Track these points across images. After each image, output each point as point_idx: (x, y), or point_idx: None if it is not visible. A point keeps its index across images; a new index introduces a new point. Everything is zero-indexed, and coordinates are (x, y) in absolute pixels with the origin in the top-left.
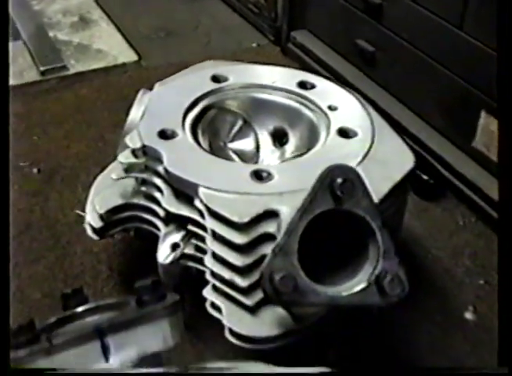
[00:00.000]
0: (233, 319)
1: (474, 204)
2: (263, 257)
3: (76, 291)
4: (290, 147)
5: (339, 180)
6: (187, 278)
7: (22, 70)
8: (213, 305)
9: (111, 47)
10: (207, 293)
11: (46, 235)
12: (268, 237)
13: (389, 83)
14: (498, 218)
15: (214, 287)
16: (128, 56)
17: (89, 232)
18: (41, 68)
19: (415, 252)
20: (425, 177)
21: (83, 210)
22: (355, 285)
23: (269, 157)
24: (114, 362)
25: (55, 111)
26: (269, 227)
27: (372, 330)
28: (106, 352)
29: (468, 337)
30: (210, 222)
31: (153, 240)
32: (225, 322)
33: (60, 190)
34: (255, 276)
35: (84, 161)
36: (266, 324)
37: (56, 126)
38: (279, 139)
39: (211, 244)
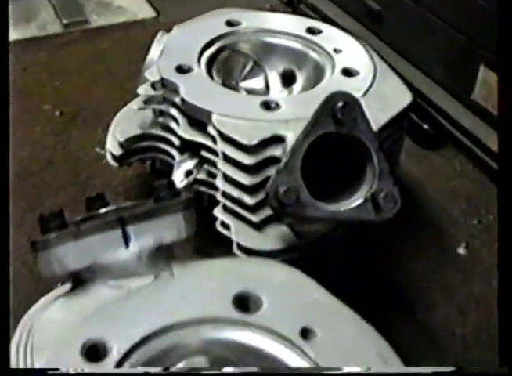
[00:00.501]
0: (241, 235)
1: (471, 152)
2: (269, 178)
3: (99, 195)
4: (297, 87)
5: (340, 104)
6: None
7: (45, 23)
8: (222, 224)
9: (131, 4)
10: (218, 212)
11: (68, 170)
12: (274, 161)
13: (394, 40)
14: (498, 170)
15: (224, 207)
16: (146, 12)
17: (109, 159)
18: (64, 21)
19: (413, 194)
20: (425, 126)
21: (103, 149)
22: (353, 202)
23: (278, 95)
24: (133, 249)
25: (77, 61)
26: (276, 151)
27: (369, 257)
28: (126, 240)
29: (460, 269)
30: (221, 146)
31: (167, 175)
32: (233, 237)
33: (82, 131)
34: (262, 195)
35: (105, 106)
36: (271, 239)
37: (78, 74)
38: (288, 79)
39: (222, 166)
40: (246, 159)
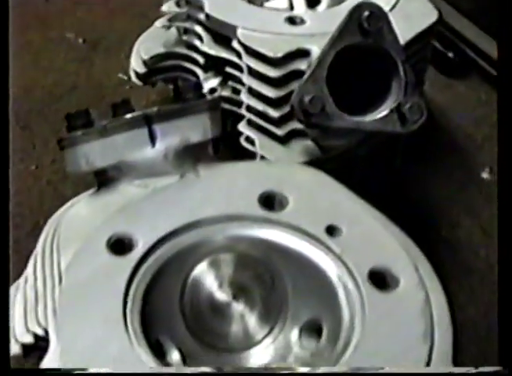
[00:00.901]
0: (265, 149)
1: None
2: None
3: (125, 101)
4: (321, 8)
5: (366, 13)
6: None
7: None
8: (247, 139)
9: None
10: (242, 127)
11: (91, 95)
12: (300, 74)
13: None
14: None
15: (249, 122)
16: None
17: (133, 77)
18: None
19: (438, 120)
20: (450, 55)
21: (126, 74)
22: (378, 113)
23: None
24: (159, 148)
25: None
26: (301, 65)
27: (392, 178)
28: (152, 138)
29: (484, 192)
30: (246, 60)
31: None
32: (257, 151)
33: (104, 58)
34: (286, 109)
35: (128, 34)
36: (295, 153)
37: (101, 4)
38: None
39: (247, 80)
40: (271, 72)
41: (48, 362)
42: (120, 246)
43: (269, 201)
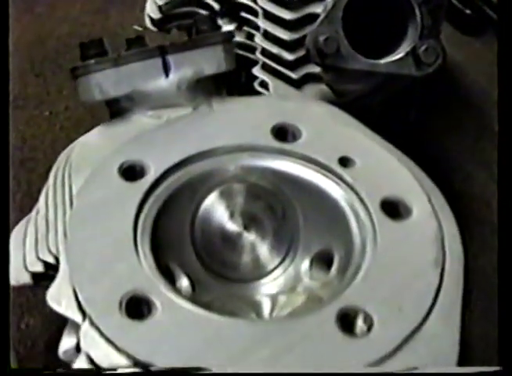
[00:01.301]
0: (279, 93)
1: None
2: None
3: (139, 36)
4: None
5: None
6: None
7: None
8: (261, 84)
9: None
10: (257, 71)
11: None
12: (315, 18)
13: None
14: None
15: (263, 66)
16: None
17: (148, 24)
18: None
19: (454, 76)
20: (467, 11)
21: (141, 26)
22: (394, 56)
23: None
24: (173, 78)
25: None
26: (316, 8)
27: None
28: (166, 69)
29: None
30: (262, 3)
31: None
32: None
33: (120, 10)
34: (301, 52)
35: None
36: (309, 97)
37: None
38: None
39: (263, 23)
40: (286, 14)
41: (57, 286)
42: (131, 172)
43: (282, 133)
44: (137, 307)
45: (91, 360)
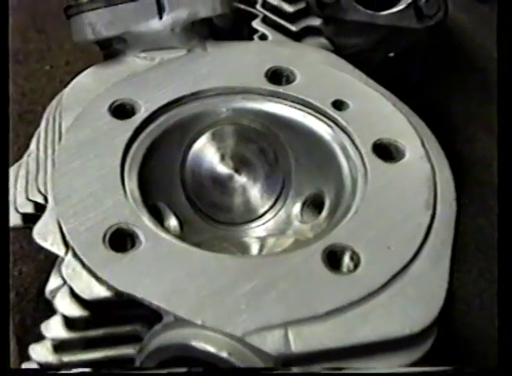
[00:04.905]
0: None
1: None
2: None
3: None
4: None
5: None
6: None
7: None
8: (261, 37)
9: None
10: (257, 24)
11: None
12: None
13: None
14: None
15: (263, 19)
16: None
17: None
18: None
19: (460, 40)
20: None
21: None
22: (395, 8)
23: None
24: (167, 20)
25: None
26: None
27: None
28: (160, 10)
29: None
30: None
31: None
32: None
33: None
34: (301, 5)
35: None
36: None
37: None
38: None
39: None
40: None
41: (43, 222)
42: (122, 111)
43: (276, 76)
44: (121, 240)
45: (72, 292)
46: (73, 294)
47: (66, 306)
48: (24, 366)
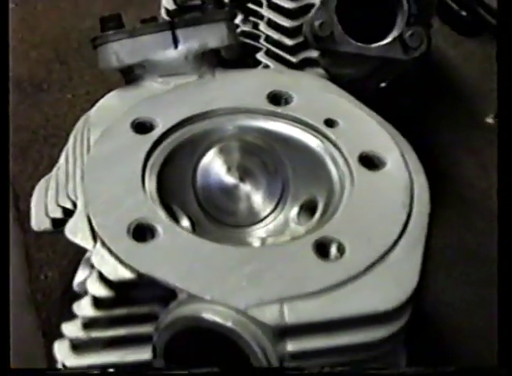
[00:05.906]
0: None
1: None
2: None
3: (153, 17)
4: None
5: None
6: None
7: None
8: (265, 68)
9: None
10: (261, 56)
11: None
12: (313, 7)
13: None
14: None
15: (267, 52)
16: None
17: (164, 14)
18: None
19: (447, 72)
20: (463, 13)
21: None
22: (383, 41)
23: None
24: (181, 49)
25: None
26: None
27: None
28: (175, 41)
29: (486, 135)
30: None
31: None
32: None
33: (139, 7)
34: (300, 38)
35: None
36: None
37: None
38: None
39: (266, 12)
40: (288, 4)
41: (74, 221)
42: (142, 127)
43: (276, 99)
44: (142, 232)
45: (101, 276)
46: (102, 278)
47: (95, 288)
48: (57, 344)
